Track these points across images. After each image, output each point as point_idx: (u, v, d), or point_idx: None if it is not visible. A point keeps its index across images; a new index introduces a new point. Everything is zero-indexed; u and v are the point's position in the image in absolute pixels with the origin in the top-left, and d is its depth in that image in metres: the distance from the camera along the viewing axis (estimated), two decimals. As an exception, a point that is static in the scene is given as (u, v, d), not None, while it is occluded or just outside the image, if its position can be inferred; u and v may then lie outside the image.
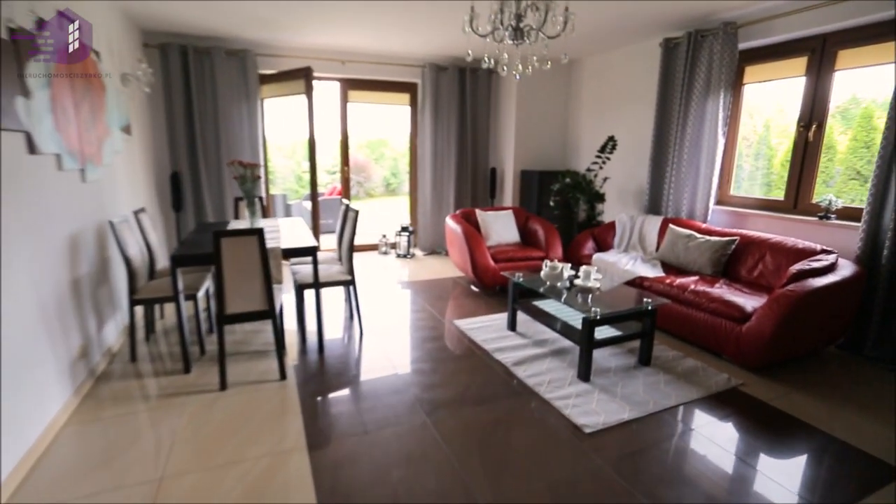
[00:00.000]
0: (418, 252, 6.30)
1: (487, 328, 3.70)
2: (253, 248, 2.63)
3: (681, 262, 3.99)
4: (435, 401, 2.68)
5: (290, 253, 2.97)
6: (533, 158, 6.09)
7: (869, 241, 3.33)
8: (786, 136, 4.28)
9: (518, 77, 3.40)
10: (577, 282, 3.33)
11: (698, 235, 3.97)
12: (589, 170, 5.18)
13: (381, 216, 10.84)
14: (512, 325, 3.65)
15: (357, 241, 6.48)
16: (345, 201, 3.90)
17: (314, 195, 5.25)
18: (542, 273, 3.40)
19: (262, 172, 5.24)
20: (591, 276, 3.29)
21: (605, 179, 5.19)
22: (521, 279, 3.50)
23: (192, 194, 5.06)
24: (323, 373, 3.00)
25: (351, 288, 3.58)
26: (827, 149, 3.89)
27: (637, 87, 5.11)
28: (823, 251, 3.36)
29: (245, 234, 2.60)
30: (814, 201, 3.89)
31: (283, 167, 12.57)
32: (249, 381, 2.84)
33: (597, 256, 4.32)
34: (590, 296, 3.20)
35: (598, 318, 2.81)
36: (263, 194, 5.31)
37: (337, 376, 2.96)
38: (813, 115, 3.84)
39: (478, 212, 4.88)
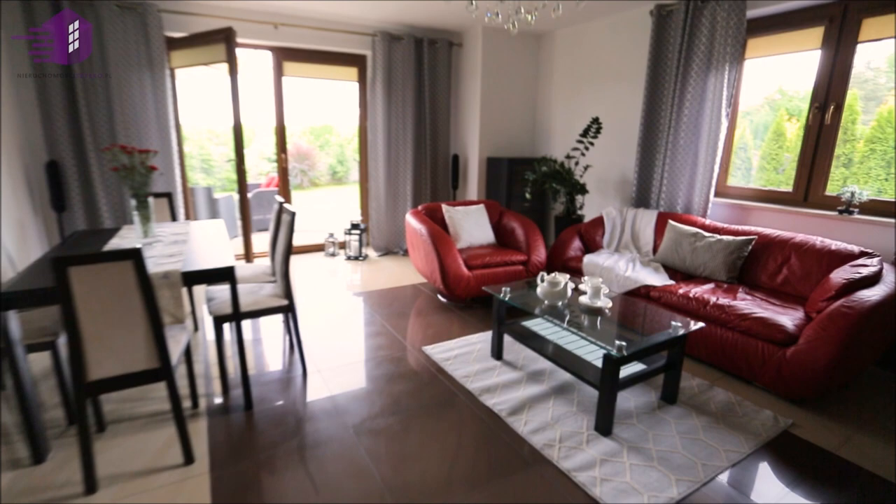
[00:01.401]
0: (372, 253, 5.38)
1: (466, 357, 2.89)
2: (127, 278, 1.67)
3: (687, 266, 3.35)
4: (412, 487, 1.84)
5: (194, 278, 2.02)
6: (500, 144, 5.31)
7: (909, 241, 2.80)
8: (788, 117, 3.72)
9: (514, 29, 2.56)
10: (583, 299, 2.58)
11: (706, 234, 3.33)
12: (569, 157, 4.45)
13: (328, 209, 9.77)
14: (497, 353, 2.87)
15: (299, 242, 5.49)
16: (279, 199, 2.94)
17: (242, 189, 4.21)
18: (540, 290, 2.62)
19: (176, 161, 4.14)
20: (601, 294, 2.55)
21: (586, 168, 4.49)
22: (509, 296, 2.71)
23: (79, 190, 3.88)
24: (251, 446, 2.08)
25: (289, 315, 2.66)
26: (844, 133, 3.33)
27: (620, 62, 4.41)
28: (864, 253, 2.80)
29: (112, 259, 1.63)
30: (828, 193, 3.35)
31: (220, 155, 11.12)
32: (136, 472, 1.89)
33: (588, 259, 3.61)
34: (598, 318, 2.47)
35: (626, 354, 2.07)
36: (180, 189, 4.21)
37: (270, 449, 2.06)
38: (829, 95, 3.27)
39: (444, 207, 4.03)
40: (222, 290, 2.56)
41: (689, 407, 2.44)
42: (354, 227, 5.11)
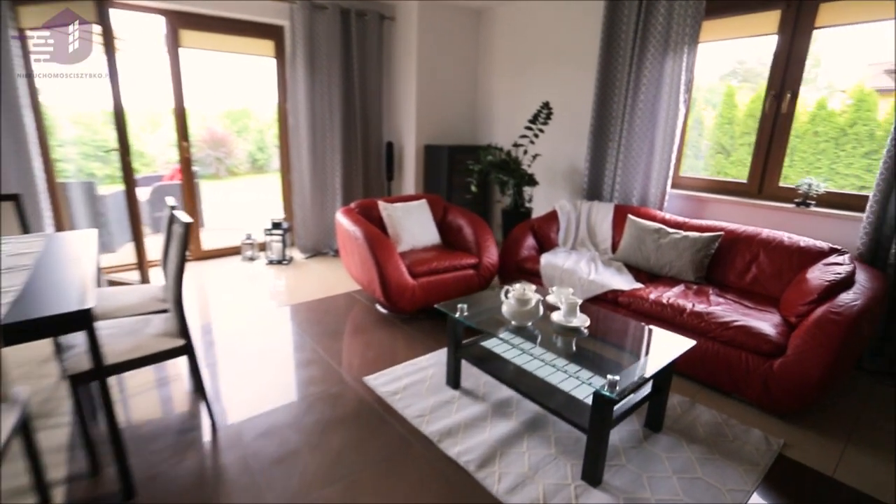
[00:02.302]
0: (297, 254, 4.69)
1: (418, 387, 2.40)
2: None
3: (651, 266, 3.06)
4: None
5: (22, 332, 1.34)
6: (439, 131, 4.79)
7: (874, 235, 2.67)
8: (735, 105, 3.54)
9: None
10: (556, 317, 2.17)
11: (670, 230, 3.06)
12: (516, 145, 4.04)
13: (247, 202, 8.78)
14: (454, 380, 2.40)
15: (212, 245, 4.66)
16: (170, 203, 2.25)
17: (130, 185, 3.37)
18: (506, 309, 2.16)
19: (34, 150, 3.22)
20: (577, 310, 2.14)
21: (534, 157, 4.10)
22: (466, 314, 2.24)
23: None
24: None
25: (188, 358, 2.00)
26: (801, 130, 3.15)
27: (569, 42, 4.03)
28: (833, 250, 2.62)
29: None
30: (782, 184, 3.20)
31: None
32: None
33: (546, 261, 3.22)
34: (574, 340, 2.07)
35: (622, 392, 1.67)
36: (42, 186, 3.30)
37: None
38: (785, 83, 3.08)
39: (381, 205, 3.47)
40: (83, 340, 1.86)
41: (676, 434, 2.12)
42: (276, 226, 4.39)
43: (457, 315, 2.26)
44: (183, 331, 1.91)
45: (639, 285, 2.81)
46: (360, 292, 3.69)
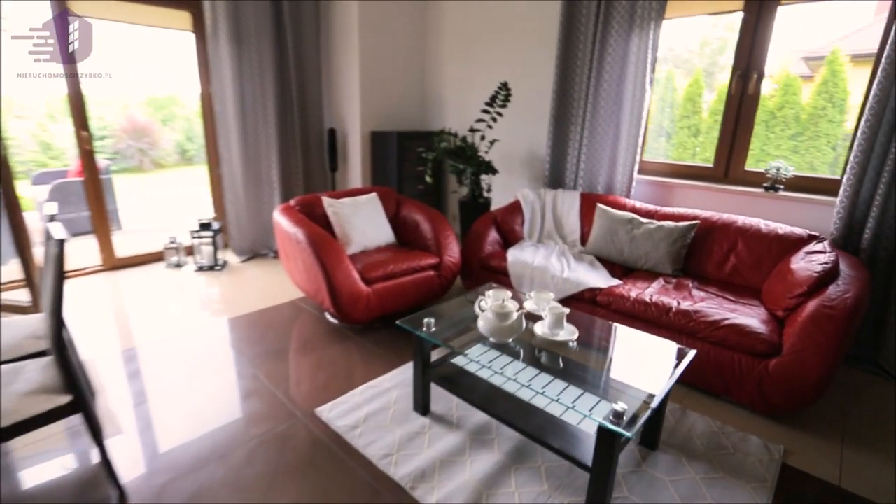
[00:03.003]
0: (232, 258, 4.13)
1: (380, 416, 2.03)
2: None
3: (626, 258, 2.83)
4: None
5: None
6: (386, 116, 4.35)
7: (848, 220, 2.57)
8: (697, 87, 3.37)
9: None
10: (539, 329, 1.86)
11: (643, 220, 2.84)
12: (473, 130, 3.69)
13: (175, 196, 7.91)
14: (423, 405, 2.05)
15: (132, 251, 4.00)
16: (48, 211, 1.72)
17: (7, 185, 2.72)
18: (482, 324, 1.82)
19: None
20: (564, 321, 1.85)
21: (492, 143, 3.78)
22: (434, 330, 1.90)
23: None
24: None
25: (83, 416, 1.52)
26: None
27: (526, 18, 3.71)
28: (812, 237, 2.49)
29: None
30: (748, 168, 3.06)
31: (25, 131, 8.30)
32: None
33: (514, 257, 2.92)
34: (560, 358, 1.79)
35: (631, 423, 1.40)
36: None
37: None
38: (751, 62, 2.92)
39: (326, 201, 3.02)
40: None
41: (675, 450, 1.89)
42: (204, 227, 3.82)
43: (424, 332, 1.91)
44: (69, 382, 1.43)
45: (616, 281, 2.57)
46: (306, 300, 3.24)
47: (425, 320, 1.96)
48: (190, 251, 4.03)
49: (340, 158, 4.46)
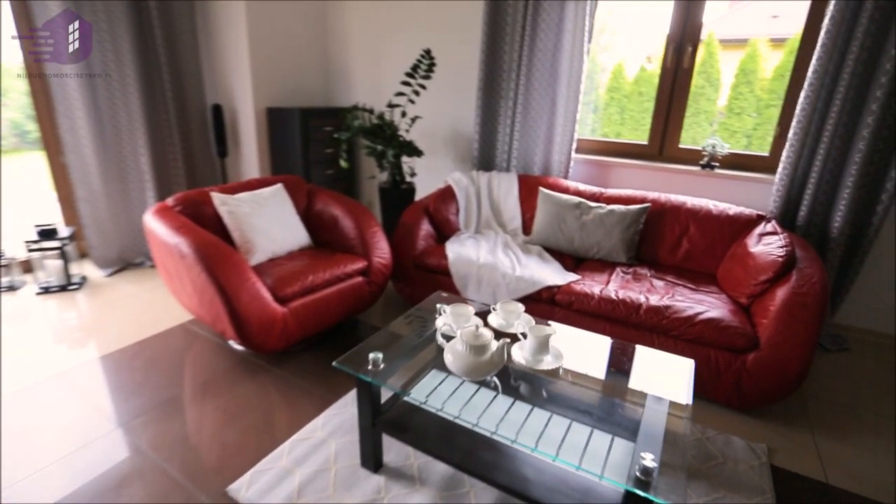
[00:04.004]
0: (93, 271, 3.22)
1: (319, 482, 1.53)
2: None
3: (576, 248, 2.55)
4: None
5: None
6: (285, 89, 3.63)
7: (787, 198, 2.51)
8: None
9: None
10: (518, 356, 1.48)
11: (592, 204, 2.57)
12: (392, 105, 3.16)
13: (14, 194, 6.30)
14: (375, 460, 1.59)
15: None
16: None
17: None
18: (452, 362, 1.37)
19: None
20: (549, 343, 1.48)
21: (413, 120, 3.28)
22: (382, 369, 1.44)
23: None
24: None
25: None
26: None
27: (441, -25, 3.22)
28: (760, 217, 2.39)
29: None
30: (682, 146, 2.94)
31: None
32: None
33: (454, 253, 2.50)
34: (544, 391, 1.44)
35: (655, 484, 1.08)
36: None
37: None
38: (686, 34, 2.75)
39: (216, 197, 2.34)
40: None
41: (667, 468, 1.66)
42: (45, 234, 2.88)
43: (371, 375, 1.44)
44: None
45: (574, 276, 2.28)
46: (196, 322, 2.56)
47: (371, 356, 1.49)
48: (28, 267, 3.05)
49: (231, 141, 3.67)
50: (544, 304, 2.24)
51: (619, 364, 1.63)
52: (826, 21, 2.23)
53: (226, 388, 2.02)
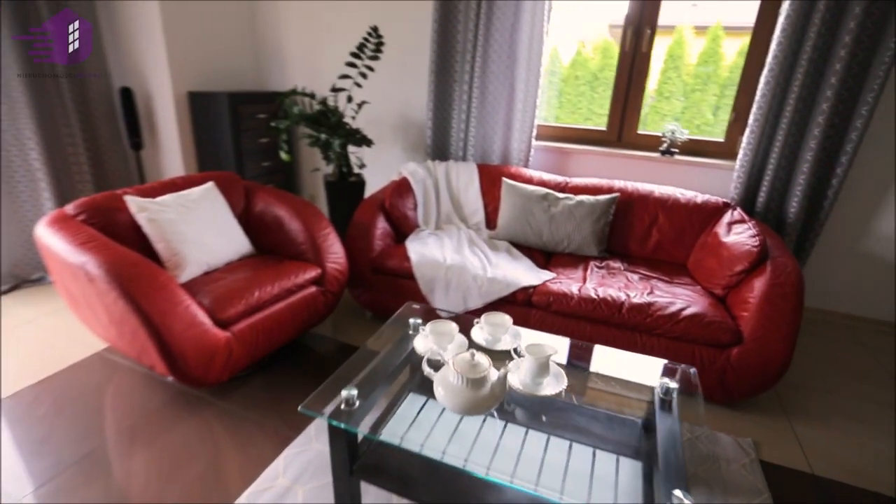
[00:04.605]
0: (-21, 288, 2.65)
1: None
2: None
3: (545, 242, 2.40)
4: None
5: None
6: (208, 71, 3.16)
7: (747, 184, 2.50)
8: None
9: None
10: (516, 381, 1.29)
11: (560, 195, 2.42)
12: (337, 90, 2.81)
13: None
14: (352, 509, 1.36)
15: None
16: None
17: None
18: (442, 392, 1.15)
19: None
20: (551, 363, 1.30)
21: (360, 106, 2.96)
22: (358, 407, 1.20)
23: None
24: None
25: None
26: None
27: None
28: (726, 205, 2.35)
29: None
30: (640, 132, 2.87)
31: None
32: None
33: (417, 254, 2.25)
34: (543, 415, 1.27)
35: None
36: None
37: None
38: (644, 16, 2.65)
39: (133, 202, 1.92)
40: None
41: (665, 482, 1.57)
42: None
43: (345, 419, 1.19)
44: None
45: (548, 275, 2.12)
46: (112, 351, 2.14)
47: (343, 394, 1.24)
48: None
49: (146, 131, 3.15)
50: (519, 306, 2.07)
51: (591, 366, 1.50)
52: (786, 6, 2.19)
53: (160, 433, 1.68)
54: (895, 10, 2.07)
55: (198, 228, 1.97)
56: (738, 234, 2.06)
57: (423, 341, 1.46)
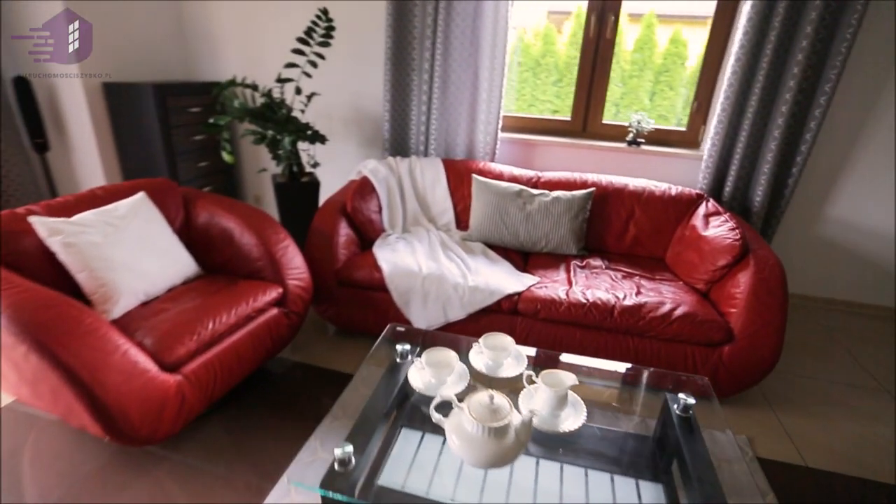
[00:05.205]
0: None
1: None
2: None
3: (523, 242, 2.26)
4: None
5: None
6: (127, 60, 2.70)
7: (715, 174, 2.49)
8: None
9: None
10: (534, 414, 1.14)
11: (534, 191, 2.28)
12: (283, 80, 2.49)
13: None
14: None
15: None
16: None
17: None
18: (457, 442, 0.97)
19: None
20: (568, 395, 1.15)
21: (309, 98, 2.64)
22: (345, 469, 1.01)
23: None
24: None
25: None
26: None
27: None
28: (700, 196, 2.31)
29: None
30: (605, 121, 2.79)
31: None
32: None
33: (388, 263, 2.03)
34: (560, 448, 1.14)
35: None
36: None
37: None
38: (606, 4, 2.54)
39: (40, 223, 1.55)
40: None
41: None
42: None
43: (346, 489, 0.98)
44: None
45: (532, 279, 1.98)
46: (30, 415, 1.77)
47: (337, 453, 1.03)
48: None
49: (52, 129, 2.66)
50: (504, 314, 1.92)
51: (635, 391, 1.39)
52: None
53: (99, 500, 1.38)
54: (851, 2, 2.09)
55: (130, 251, 1.64)
56: (717, 228, 2.02)
57: (420, 374, 1.27)
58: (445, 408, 1.09)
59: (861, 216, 2.53)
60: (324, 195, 2.71)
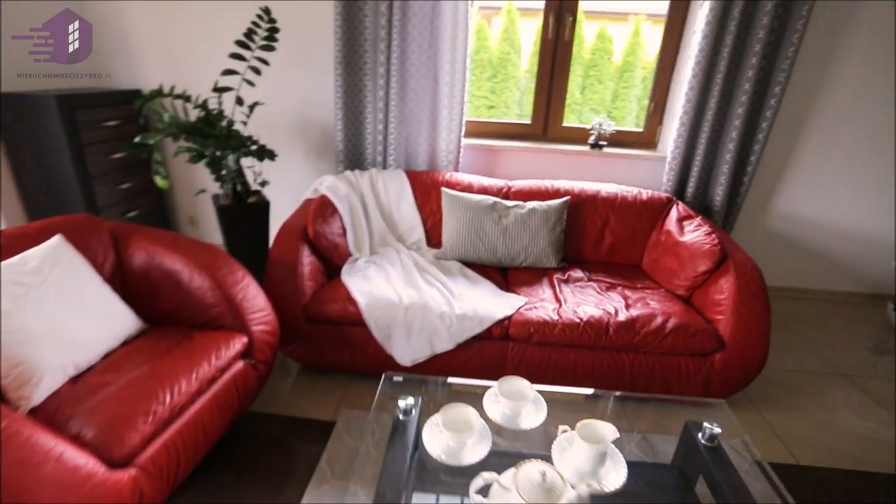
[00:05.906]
0: None
1: None
2: None
3: (500, 258, 2.13)
4: None
5: None
6: (20, 66, 2.24)
7: (679, 176, 2.51)
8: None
9: None
10: (567, 471, 1.01)
11: (509, 203, 2.16)
12: (221, 90, 2.15)
13: None
14: None
15: None
16: None
17: None
18: None
19: None
20: (607, 454, 1.04)
21: (251, 108, 2.33)
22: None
23: None
24: None
25: None
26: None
27: None
28: (670, 199, 2.30)
29: None
30: (566, 125, 2.73)
31: None
32: None
33: (364, 295, 1.81)
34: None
35: None
36: None
37: None
38: (563, 5, 2.46)
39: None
40: None
41: None
42: None
43: None
44: None
45: (521, 300, 1.86)
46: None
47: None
48: None
49: (-82, 154, 2.14)
50: (495, 341, 1.78)
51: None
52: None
53: None
54: (796, 8, 2.15)
55: (49, 314, 1.31)
56: (693, 233, 2.02)
57: (437, 439, 1.11)
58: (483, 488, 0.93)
59: (804, 208, 2.68)
60: (274, 216, 2.43)
